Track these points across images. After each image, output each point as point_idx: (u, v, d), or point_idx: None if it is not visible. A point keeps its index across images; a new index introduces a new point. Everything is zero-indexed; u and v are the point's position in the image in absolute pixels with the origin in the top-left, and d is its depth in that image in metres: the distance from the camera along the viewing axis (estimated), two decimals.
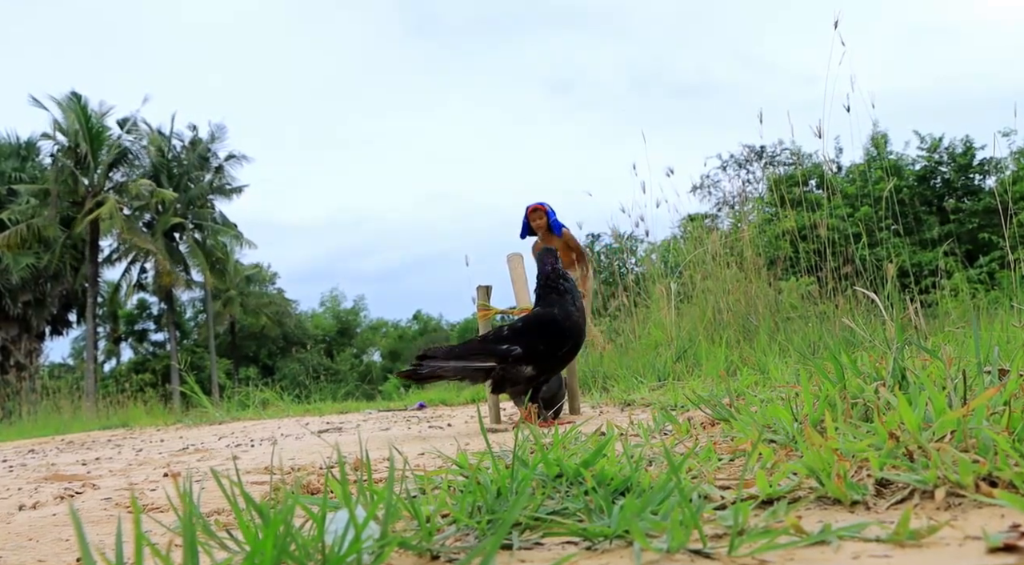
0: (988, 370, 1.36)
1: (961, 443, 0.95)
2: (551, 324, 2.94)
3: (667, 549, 0.75)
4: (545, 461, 1.06)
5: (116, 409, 11.73)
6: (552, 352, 2.91)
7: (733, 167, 22.67)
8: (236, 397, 9.71)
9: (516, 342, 2.90)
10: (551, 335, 2.92)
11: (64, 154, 25.58)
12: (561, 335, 2.93)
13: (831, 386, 1.40)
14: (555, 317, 2.95)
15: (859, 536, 0.76)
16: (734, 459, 1.24)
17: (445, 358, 2.99)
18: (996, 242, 12.00)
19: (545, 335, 2.92)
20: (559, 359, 2.97)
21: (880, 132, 15.50)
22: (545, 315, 2.98)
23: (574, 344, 2.99)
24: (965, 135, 15.90)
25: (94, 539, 1.23)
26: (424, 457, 2.05)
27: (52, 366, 31.84)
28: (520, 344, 2.89)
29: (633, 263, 10.22)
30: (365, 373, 35.51)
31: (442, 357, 3.00)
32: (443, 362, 2.97)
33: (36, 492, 2.06)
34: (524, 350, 2.88)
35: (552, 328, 2.94)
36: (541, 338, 2.91)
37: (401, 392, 12.27)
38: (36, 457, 3.85)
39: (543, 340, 2.91)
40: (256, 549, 0.71)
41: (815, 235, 5.58)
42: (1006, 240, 4.30)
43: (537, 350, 2.89)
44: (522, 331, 2.94)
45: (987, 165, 15.37)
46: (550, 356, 2.91)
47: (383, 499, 0.81)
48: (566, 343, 2.94)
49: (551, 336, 2.92)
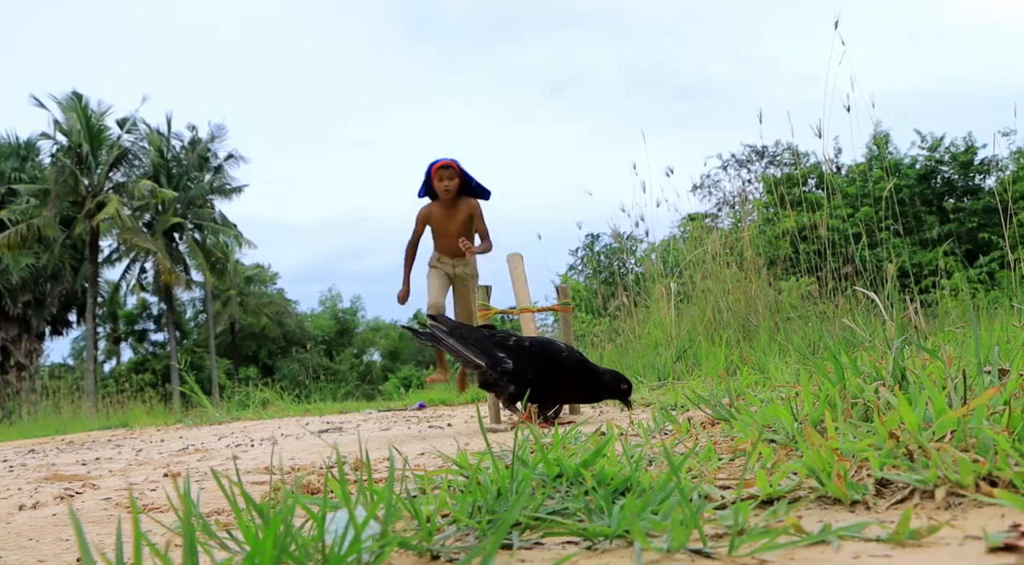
0: (988, 370, 1.36)
1: (961, 443, 0.95)
2: (554, 361, 2.79)
3: (667, 549, 0.75)
4: (545, 461, 1.06)
5: (116, 409, 11.74)
6: (540, 384, 2.74)
7: (733, 167, 22.69)
8: (236, 397, 9.71)
9: (512, 357, 2.76)
10: (548, 371, 2.77)
11: (64, 154, 25.57)
12: (557, 376, 2.77)
13: (831, 386, 1.40)
14: (562, 356, 2.80)
15: (859, 536, 0.76)
16: (734, 459, 1.24)
17: (448, 333, 2.89)
18: (996, 242, 12.00)
19: (543, 368, 2.77)
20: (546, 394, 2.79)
21: (883, 131, 15.52)
22: (554, 351, 2.83)
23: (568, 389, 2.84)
24: (968, 132, 15.89)
25: (94, 539, 1.23)
26: (424, 457, 2.05)
27: (52, 366, 31.83)
28: (514, 361, 2.75)
29: (633, 263, 10.22)
30: (365, 373, 35.51)
31: (447, 331, 2.90)
32: (445, 335, 2.88)
33: (36, 492, 2.06)
34: (514, 369, 2.74)
35: (552, 365, 2.78)
36: (536, 367, 2.76)
37: (401, 392, 12.26)
38: (36, 457, 3.85)
39: (537, 370, 2.76)
40: (256, 549, 0.71)
41: (815, 235, 5.58)
42: (1006, 240, 4.30)
43: (525, 375, 2.73)
44: (525, 351, 2.80)
45: (987, 165, 15.38)
46: (537, 386, 2.73)
47: (383, 499, 0.81)
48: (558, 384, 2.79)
49: (547, 371, 2.77)
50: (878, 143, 13.34)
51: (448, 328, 2.94)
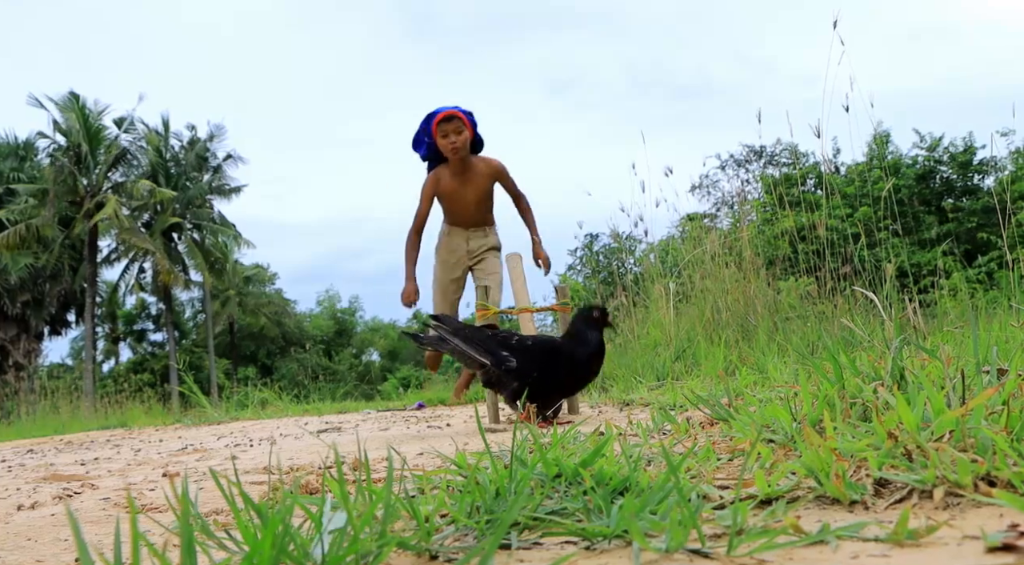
0: (986, 370, 1.36)
1: (959, 443, 0.95)
2: (556, 359, 2.80)
3: (666, 549, 0.75)
4: (544, 461, 1.06)
5: (115, 409, 11.72)
6: (544, 382, 2.77)
7: (732, 167, 22.69)
8: (235, 397, 9.69)
9: (516, 355, 2.79)
10: (551, 369, 2.78)
11: (63, 153, 25.56)
12: (559, 373, 2.79)
13: (830, 386, 1.40)
14: (562, 353, 2.80)
15: (858, 536, 0.76)
16: (733, 459, 1.24)
17: (452, 333, 2.91)
18: (995, 242, 12.01)
19: (546, 366, 2.78)
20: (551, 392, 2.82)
21: (884, 131, 15.54)
22: (557, 348, 2.83)
23: (573, 384, 2.86)
24: (969, 132, 15.91)
25: (92, 539, 1.23)
26: (423, 457, 2.04)
27: (51, 366, 31.82)
28: (517, 359, 2.78)
29: (632, 263, 10.23)
30: (364, 373, 35.50)
31: (450, 331, 2.92)
32: (449, 335, 2.90)
33: (35, 492, 2.06)
34: (517, 367, 2.77)
35: (555, 364, 2.79)
36: (540, 366, 2.78)
37: (400, 392, 12.27)
38: (35, 457, 3.84)
39: (540, 369, 2.78)
40: (255, 549, 0.71)
41: (814, 235, 5.58)
42: (1004, 240, 4.30)
43: (530, 374, 2.76)
44: (528, 350, 2.81)
45: (986, 165, 15.39)
46: (540, 384, 2.76)
47: (382, 499, 0.81)
48: (563, 382, 2.81)
49: (551, 370, 2.78)
50: (878, 143, 13.35)
51: (452, 329, 2.95)
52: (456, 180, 3.70)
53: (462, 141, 3.42)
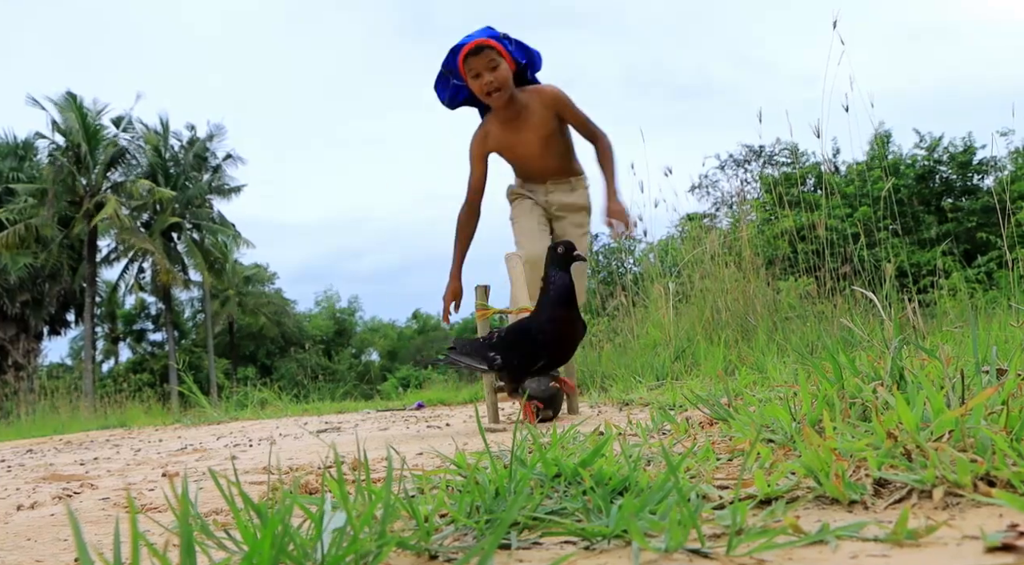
0: (986, 370, 1.36)
1: (959, 443, 0.95)
2: (524, 340, 2.76)
3: (665, 549, 0.75)
4: (543, 461, 1.06)
5: (114, 409, 11.72)
6: (525, 367, 2.78)
7: (731, 167, 22.68)
8: (234, 397, 9.69)
9: (498, 352, 2.84)
10: (524, 350, 2.75)
11: (62, 153, 25.55)
12: (534, 352, 2.75)
13: (829, 386, 1.40)
14: (529, 331, 2.76)
15: (857, 536, 0.76)
16: (732, 459, 1.24)
17: (460, 353, 3.01)
18: (994, 242, 12.01)
19: (519, 349, 2.76)
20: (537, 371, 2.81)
21: (886, 131, 15.54)
22: (520, 329, 2.81)
23: (551, 359, 2.77)
24: (968, 132, 15.91)
25: (92, 539, 1.23)
26: (422, 457, 2.04)
27: (50, 366, 31.83)
28: (500, 355, 2.83)
29: (631, 263, 10.23)
30: (363, 373, 35.50)
31: (458, 351, 3.02)
32: (458, 356, 3.02)
33: (34, 492, 2.06)
34: (503, 361, 2.82)
35: (525, 344, 2.75)
36: (515, 352, 2.78)
37: (399, 392, 12.26)
38: (34, 457, 3.84)
39: (516, 354, 2.78)
40: (254, 549, 0.71)
41: (813, 235, 5.58)
42: (1004, 240, 4.30)
43: (512, 364, 2.80)
44: (503, 341, 2.83)
45: (985, 165, 15.40)
46: (524, 370, 2.78)
47: (381, 499, 0.81)
48: (539, 358, 2.77)
49: (524, 351, 2.75)
50: (879, 143, 13.35)
51: (459, 349, 3.04)
52: (508, 129, 2.89)
53: (500, 78, 2.58)
